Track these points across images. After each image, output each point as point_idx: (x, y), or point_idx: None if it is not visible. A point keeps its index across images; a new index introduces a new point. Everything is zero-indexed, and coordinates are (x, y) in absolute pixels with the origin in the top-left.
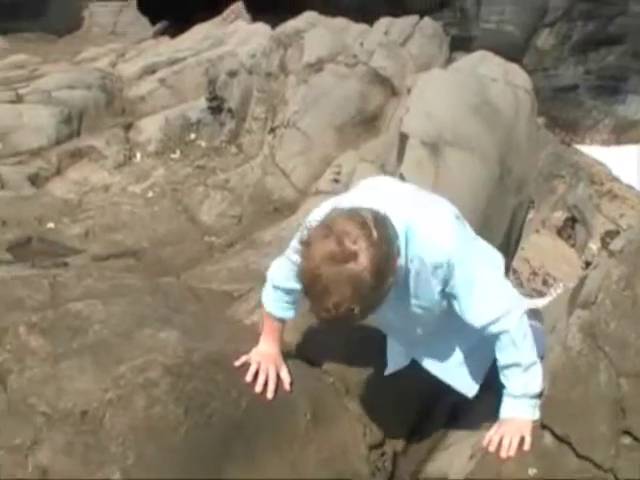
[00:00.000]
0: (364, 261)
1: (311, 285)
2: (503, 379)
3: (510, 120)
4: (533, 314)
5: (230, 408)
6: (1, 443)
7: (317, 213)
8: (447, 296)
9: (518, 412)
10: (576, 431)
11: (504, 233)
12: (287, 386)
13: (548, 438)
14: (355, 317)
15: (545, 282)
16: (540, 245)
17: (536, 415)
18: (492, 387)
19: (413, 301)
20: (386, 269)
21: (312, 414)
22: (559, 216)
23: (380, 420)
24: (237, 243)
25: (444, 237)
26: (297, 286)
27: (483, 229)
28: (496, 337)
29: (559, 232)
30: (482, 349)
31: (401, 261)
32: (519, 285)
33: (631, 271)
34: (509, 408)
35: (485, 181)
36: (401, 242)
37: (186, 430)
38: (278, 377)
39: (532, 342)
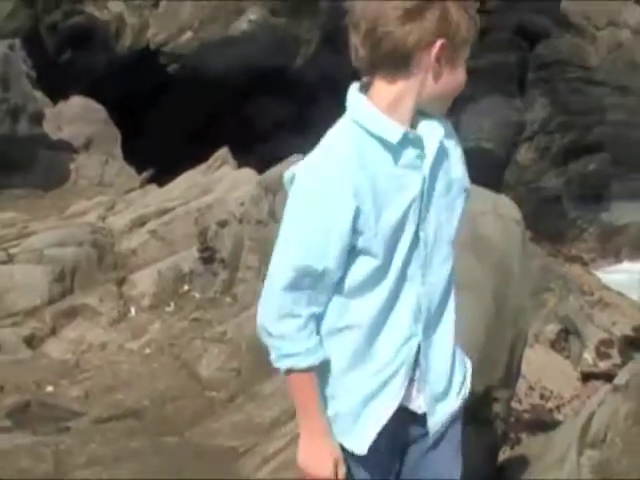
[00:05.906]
0: None
1: None
2: None
3: (502, 252)
4: None
5: None
6: None
7: None
8: None
9: None
10: None
11: (504, 366)
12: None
13: None
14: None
15: (542, 396)
16: (535, 359)
17: None
18: None
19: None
20: None
21: None
22: (552, 329)
23: None
24: (238, 397)
25: None
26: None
27: (484, 365)
28: None
29: (553, 345)
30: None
31: None
32: (517, 402)
33: (639, 406)
34: None
35: (481, 317)
36: None
37: None
38: None
39: None
